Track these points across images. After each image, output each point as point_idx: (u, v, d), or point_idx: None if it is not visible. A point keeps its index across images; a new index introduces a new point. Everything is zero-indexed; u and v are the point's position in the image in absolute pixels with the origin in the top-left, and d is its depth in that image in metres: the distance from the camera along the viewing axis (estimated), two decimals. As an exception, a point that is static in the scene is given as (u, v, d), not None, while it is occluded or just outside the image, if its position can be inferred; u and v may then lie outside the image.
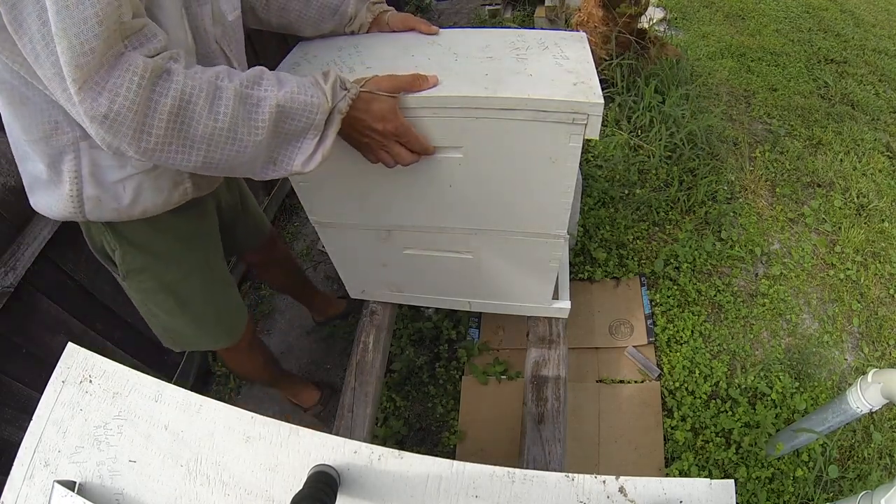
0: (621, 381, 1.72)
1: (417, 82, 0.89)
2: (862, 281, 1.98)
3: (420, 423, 1.72)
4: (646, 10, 2.53)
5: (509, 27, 1.09)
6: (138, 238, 0.95)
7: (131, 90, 0.60)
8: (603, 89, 2.91)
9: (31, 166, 0.81)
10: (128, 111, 0.60)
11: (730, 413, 1.60)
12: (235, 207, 1.29)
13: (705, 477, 0.63)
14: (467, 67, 0.98)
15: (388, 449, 0.62)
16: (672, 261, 2.03)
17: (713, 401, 1.64)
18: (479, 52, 1.03)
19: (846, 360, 1.78)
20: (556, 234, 1.20)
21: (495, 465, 0.61)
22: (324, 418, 1.71)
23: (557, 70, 0.96)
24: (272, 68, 0.85)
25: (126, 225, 0.91)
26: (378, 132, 0.86)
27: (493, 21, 3.62)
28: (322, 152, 0.77)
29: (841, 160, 2.46)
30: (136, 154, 0.65)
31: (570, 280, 1.64)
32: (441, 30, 1.11)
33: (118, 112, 0.60)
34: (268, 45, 2.13)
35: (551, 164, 1.00)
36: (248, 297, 2.13)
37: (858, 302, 1.92)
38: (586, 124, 0.91)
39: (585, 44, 1.06)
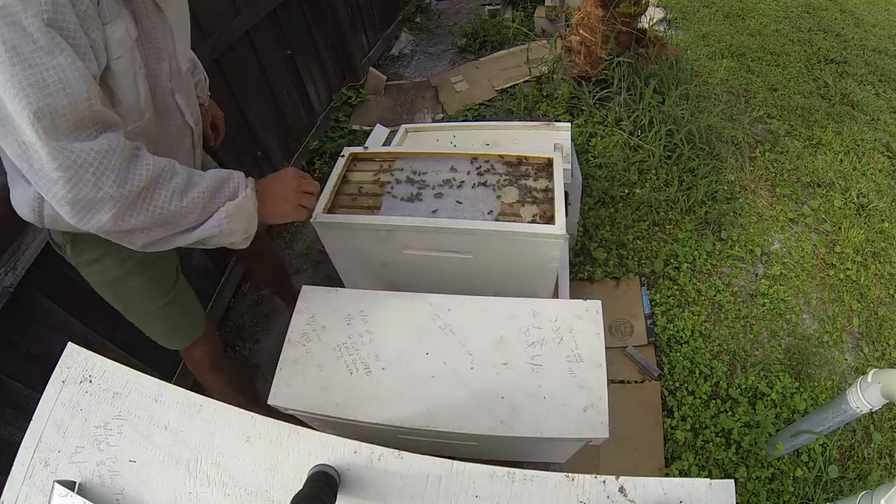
0: (621, 381, 1.72)
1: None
2: (862, 281, 1.98)
3: (420, 423, 1.72)
4: (646, 9, 2.53)
5: (521, 302, 1.13)
6: (85, 238, 1.00)
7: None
8: (602, 89, 2.88)
9: (13, 173, 0.89)
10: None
11: (730, 413, 1.60)
12: None
13: (705, 477, 0.63)
14: (484, 382, 1.00)
15: (388, 449, 0.62)
16: (672, 261, 2.03)
17: (713, 401, 1.64)
18: (494, 353, 1.03)
19: (846, 360, 1.78)
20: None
21: (496, 465, 0.61)
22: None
23: (570, 384, 0.98)
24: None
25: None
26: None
27: (493, 21, 3.62)
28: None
29: (841, 160, 2.46)
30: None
31: (570, 280, 1.64)
32: (450, 301, 1.10)
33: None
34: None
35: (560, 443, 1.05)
36: (247, 298, 2.13)
37: (858, 302, 1.92)
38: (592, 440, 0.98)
39: (599, 326, 1.07)
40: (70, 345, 0.71)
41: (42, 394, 0.68)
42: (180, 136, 1.00)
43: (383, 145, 1.92)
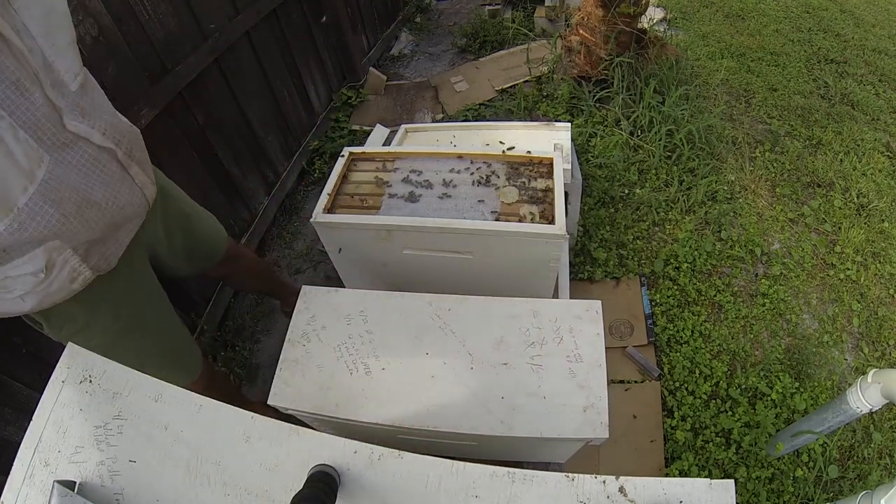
0: (621, 381, 1.72)
1: None
2: (862, 281, 1.98)
3: (420, 423, 1.72)
4: (646, 9, 2.53)
5: (519, 302, 1.11)
6: (60, 314, 0.92)
7: None
8: (602, 89, 2.87)
9: None
10: None
11: (730, 413, 1.60)
12: (176, 247, 1.20)
13: (705, 477, 0.63)
14: (484, 382, 1.00)
15: (388, 449, 0.62)
16: (672, 261, 2.03)
17: (713, 401, 1.64)
18: (494, 353, 1.03)
19: (846, 360, 1.78)
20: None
21: (496, 465, 0.61)
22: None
23: (570, 384, 0.99)
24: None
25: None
26: None
27: (493, 21, 3.62)
28: None
29: (841, 160, 2.45)
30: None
31: (570, 280, 1.64)
32: (450, 301, 1.10)
33: None
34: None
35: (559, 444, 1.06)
36: (247, 298, 2.13)
37: (858, 302, 1.92)
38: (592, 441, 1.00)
39: (599, 326, 1.08)
40: (70, 345, 0.71)
41: (42, 394, 0.68)
42: (100, 166, 0.80)
43: (383, 145, 1.92)
